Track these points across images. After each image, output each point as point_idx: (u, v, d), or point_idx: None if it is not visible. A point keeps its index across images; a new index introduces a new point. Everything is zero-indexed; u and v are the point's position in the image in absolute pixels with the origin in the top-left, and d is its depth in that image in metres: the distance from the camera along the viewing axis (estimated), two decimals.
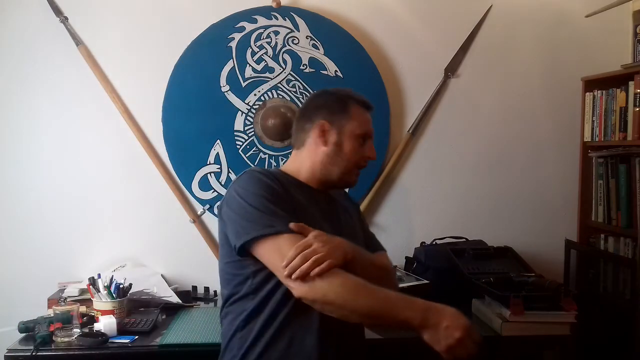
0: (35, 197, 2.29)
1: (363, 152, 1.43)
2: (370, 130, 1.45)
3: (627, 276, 2.14)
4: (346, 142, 1.41)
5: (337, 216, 1.46)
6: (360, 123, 1.42)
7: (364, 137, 1.43)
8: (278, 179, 1.36)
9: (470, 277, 1.96)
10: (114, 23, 2.29)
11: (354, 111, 1.43)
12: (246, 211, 1.27)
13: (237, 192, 1.31)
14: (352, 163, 1.42)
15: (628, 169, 2.15)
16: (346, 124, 1.42)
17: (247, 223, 1.26)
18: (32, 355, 1.64)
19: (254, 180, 1.32)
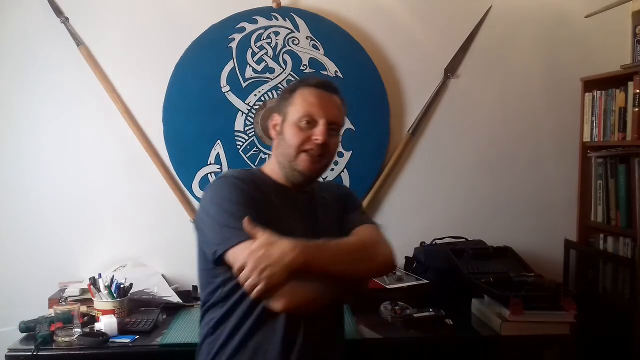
0: (36, 197, 2.29)
1: (307, 135, 1.35)
2: (316, 111, 1.35)
3: (626, 276, 2.15)
4: (286, 128, 1.37)
5: (315, 215, 1.42)
6: (299, 106, 1.36)
7: (308, 119, 1.35)
8: (254, 180, 1.36)
9: (469, 276, 1.96)
10: (114, 23, 2.29)
11: (299, 95, 1.38)
12: (219, 218, 1.28)
13: (212, 199, 1.32)
14: (294, 148, 1.35)
15: (627, 169, 2.15)
16: (288, 111, 1.38)
17: (221, 231, 1.26)
18: (33, 354, 1.65)
19: (228, 185, 1.32)
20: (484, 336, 1.79)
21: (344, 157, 2.36)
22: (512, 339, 1.75)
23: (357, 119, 2.34)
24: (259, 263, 1.16)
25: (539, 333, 1.76)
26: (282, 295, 1.20)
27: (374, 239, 1.38)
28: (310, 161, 1.36)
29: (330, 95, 1.40)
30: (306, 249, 1.20)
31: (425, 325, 1.82)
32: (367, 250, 1.33)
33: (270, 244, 1.18)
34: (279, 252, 1.17)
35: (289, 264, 1.17)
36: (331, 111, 1.37)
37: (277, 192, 1.39)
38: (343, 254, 1.28)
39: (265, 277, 1.16)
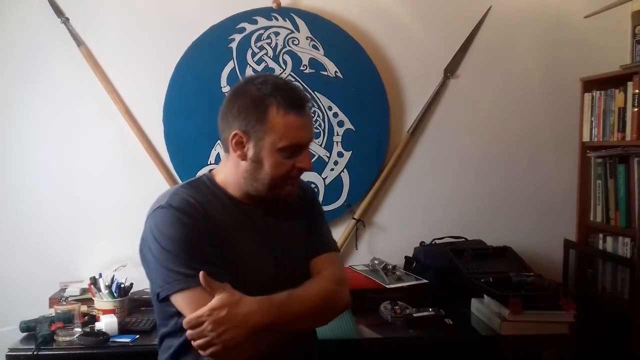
0: (36, 197, 2.29)
1: (291, 164, 1.22)
2: (300, 138, 1.21)
3: (625, 276, 2.15)
4: (266, 157, 1.20)
5: (277, 231, 1.30)
6: (282, 133, 1.18)
7: (292, 148, 1.20)
8: (202, 205, 1.21)
9: (469, 276, 1.96)
10: (115, 24, 2.30)
11: (274, 118, 1.18)
12: (161, 259, 1.17)
13: (153, 234, 1.20)
14: (277, 179, 1.22)
15: (627, 169, 2.15)
16: (264, 136, 1.19)
17: (163, 274, 1.17)
18: (34, 354, 1.65)
19: (169, 220, 1.18)
20: (483, 336, 1.79)
21: (344, 157, 2.37)
22: (512, 339, 1.75)
23: (357, 119, 2.35)
24: (220, 324, 1.09)
25: (539, 333, 1.76)
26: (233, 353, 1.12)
27: (334, 285, 1.27)
28: (293, 185, 1.27)
29: (307, 114, 1.24)
30: (271, 310, 1.14)
31: (425, 325, 1.82)
32: (328, 305, 1.25)
33: (233, 303, 1.10)
34: (243, 314, 1.10)
35: (253, 326, 1.11)
36: (310, 132, 1.25)
37: (232, 211, 1.25)
38: (306, 312, 1.20)
39: (225, 340, 1.09)
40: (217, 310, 1.09)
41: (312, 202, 1.42)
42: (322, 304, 1.24)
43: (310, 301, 1.22)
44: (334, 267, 1.32)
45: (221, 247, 1.20)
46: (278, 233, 1.30)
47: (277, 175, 1.23)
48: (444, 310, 1.89)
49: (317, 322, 1.30)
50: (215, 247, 1.19)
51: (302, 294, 1.22)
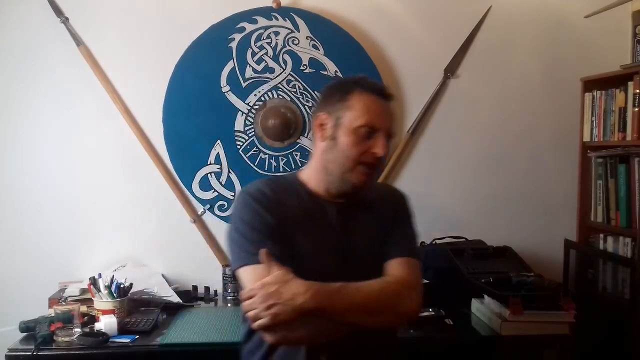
0: (36, 197, 2.29)
1: (366, 146, 1.26)
2: (378, 121, 1.26)
3: (626, 276, 2.15)
4: (342, 135, 1.26)
5: (349, 228, 1.32)
6: (361, 112, 1.25)
7: (369, 129, 1.25)
8: (276, 195, 1.28)
9: (469, 276, 1.96)
10: (114, 24, 2.30)
11: (356, 99, 1.27)
12: (234, 238, 1.27)
13: (232, 218, 1.31)
14: (351, 159, 1.26)
15: (627, 169, 2.15)
16: (343, 114, 1.27)
17: (233, 251, 1.27)
18: (33, 354, 1.65)
19: (242, 205, 1.28)
20: (483, 336, 1.79)
21: None
22: (512, 339, 1.75)
23: None
24: (268, 299, 1.13)
25: (539, 333, 1.76)
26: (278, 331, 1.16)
27: (399, 287, 1.25)
28: (367, 174, 1.27)
29: (388, 104, 1.31)
30: (319, 295, 1.15)
31: (425, 325, 1.82)
32: (387, 302, 1.22)
33: (284, 282, 1.14)
34: (291, 294, 1.13)
35: (298, 308, 1.13)
36: (389, 120, 1.29)
37: (307, 204, 1.31)
38: (359, 303, 1.19)
39: (271, 314, 1.13)
40: (268, 285, 1.14)
41: (398, 208, 1.41)
42: (380, 301, 1.21)
43: (366, 295, 1.20)
44: (406, 271, 1.29)
45: (287, 235, 1.25)
46: (349, 231, 1.32)
47: (350, 156, 1.26)
48: (444, 311, 1.89)
49: (374, 319, 1.21)
50: (280, 233, 1.25)
51: (360, 286, 1.21)
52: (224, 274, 2.24)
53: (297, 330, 1.16)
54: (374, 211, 1.36)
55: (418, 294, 1.28)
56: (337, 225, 1.31)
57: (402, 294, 1.24)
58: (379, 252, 1.32)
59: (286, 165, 2.35)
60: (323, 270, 1.24)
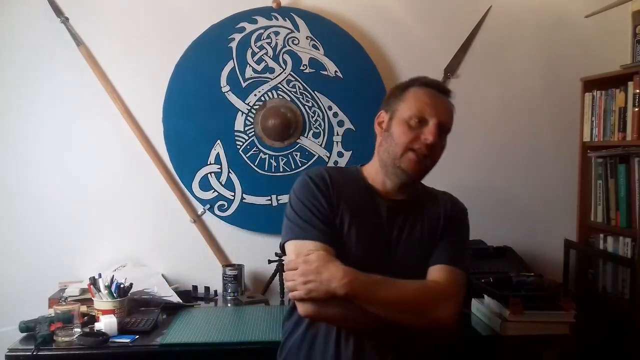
0: (36, 197, 2.29)
1: (416, 134, 1.31)
2: (429, 111, 1.31)
3: (626, 276, 2.15)
4: (395, 126, 1.34)
5: (395, 226, 1.35)
6: (411, 104, 1.32)
7: (419, 118, 1.31)
8: (335, 181, 1.35)
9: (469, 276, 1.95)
10: (114, 23, 2.30)
11: (410, 94, 1.35)
12: (288, 213, 1.35)
13: (290, 196, 1.38)
14: (401, 146, 1.31)
15: (627, 169, 2.15)
16: (398, 108, 1.35)
17: (285, 225, 1.34)
18: (33, 354, 1.64)
19: (301, 184, 1.36)
20: (483, 336, 1.79)
21: (344, 157, 2.36)
22: (512, 339, 1.75)
23: (357, 119, 2.34)
24: (307, 275, 1.21)
25: (539, 333, 1.76)
26: (310, 305, 1.23)
27: (435, 294, 1.27)
28: (416, 161, 1.32)
29: (444, 97, 1.37)
30: (354, 283, 1.20)
31: None
32: (419, 304, 1.25)
33: (325, 262, 1.21)
34: (328, 276, 1.20)
35: (332, 290, 1.19)
36: (443, 112, 1.33)
37: (363, 195, 1.36)
38: (393, 299, 1.22)
39: (306, 289, 1.21)
40: (311, 262, 1.22)
41: (452, 217, 1.43)
42: (413, 302, 1.24)
43: (401, 293, 1.24)
44: (447, 278, 1.31)
45: (338, 221, 1.32)
46: (394, 228, 1.35)
47: (400, 143, 1.31)
48: None
49: (404, 318, 1.24)
50: (333, 216, 1.31)
51: (397, 283, 1.24)
52: (223, 274, 2.24)
53: (328, 309, 1.22)
54: (424, 214, 1.39)
55: (454, 304, 1.29)
56: (385, 221, 1.35)
57: (437, 299, 1.26)
58: (423, 254, 1.35)
59: (286, 165, 2.35)
60: (365, 261, 1.28)
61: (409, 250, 1.34)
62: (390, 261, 1.33)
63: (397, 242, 1.34)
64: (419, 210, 1.39)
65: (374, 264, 1.28)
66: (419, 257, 1.34)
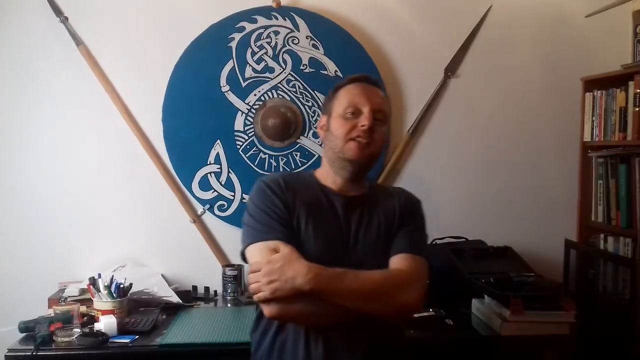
0: (35, 196, 2.29)
1: (353, 124, 1.37)
2: (360, 100, 1.38)
3: (626, 276, 2.14)
4: (333, 123, 1.40)
5: (351, 220, 1.38)
6: (343, 99, 1.40)
7: (353, 109, 1.38)
8: (290, 185, 1.39)
9: (470, 277, 1.96)
10: (114, 23, 2.29)
11: (342, 92, 1.42)
12: (245, 220, 1.37)
13: (247, 204, 1.42)
14: (341, 138, 1.37)
15: (628, 169, 2.15)
16: (333, 108, 1.42)
17: (243, 232, 1.36)
18: (33, 355, 1.65)
19: (256, 191, 1.39)
20: (484, 336, 1.79)
21: None
22: (512, 339, 1.75)
23: None
24: (271, 275, 1.23)
25: (539, 333, 1.76)
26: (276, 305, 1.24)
27: (399, 280, 1.31)
28: (358, 147, 1.36)
29: (373, 87, 1.43)
30: (319, 278, 1.22)
31: (425, 326, 1.82)
32: (385, 292, 1.28)
33: (289, 261, 1.24)
34: (292, 273, 1.22)
35: (297, 287, 1.21)
36: (374, 100, 1.39)
37: (317, 196, 1.40)
38: (358, 289, 1.25)
39: (271, 289, 1.22)
40: (274, 262, 1.24)
41: (407, 208, 1.46)
42: (378, 291, 1.27)
43: (364, 283, 1.26)
44: (409, 265, 1.34)
45: (295, 222, 1.35)
46: (351, 223, 1.38)
47: (340, 135, 1.37)
48: (445, 311, 1.89)
49: (370, 306, 1.27)
50: (290, 217, 1.35)
51: (361, 274, 1.27)
52: (223, 274, 2.23)
53: (293, 307, 1.24)
54: (380, 207, 1.43)
55: (419, 288, 1.33)
56: (341, 217, 1.38)
57: (402, 285, 1.30)
58: (382, 247, 1.38)
59: (286, 165, 2.35)
60: (325, 258, 1.29)
61: (367, 243, 1.37)
62: (351, 255, 1.35)
63: (356, 236, 1.37)
64: (374, 205, 1.43)
65: (334, 259, 1.30)
66: (378, 250, 1.37)
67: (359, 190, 1.44)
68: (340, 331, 1.29)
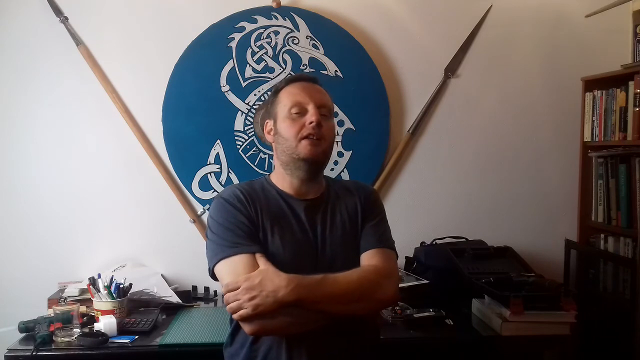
0: (36, 197, 2.29)
1: (302, 122, 1.35)
2: (303, 98, 1.36)
3: (626, 276, 2.14)
4: (280, 125, 1.38)
5: (317, 223, 1.38)
6: (286, 100, 1.37)
7: (297, 109, 1.36)
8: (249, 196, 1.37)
9: (470, 277, 1.96)
10: (114, 23, 2.29)
11: (282, 93, 1.40)
12: (210, 238, 1.35)
13: (207, 220, 1.39)
14: (292, 139, 1.35)
15: (628, 169, 2.15)
16: (277, 110, 1.39)
17: (209, 249, 1.34)
18: (32, 355, 1.65)
19: (217, 208, 1.37)
20: (484, 336, 1.79)
21: (344, 157, 2.36)
22: (513, 339, 1.75)
23: (357, 119, 2.34)
24: (251, 291, 1.21)
25: (540, 333, 1.76)
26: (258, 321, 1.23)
27: (376, 276, 1.31)
28: (311, 144, 1.34)
29: (312, 83, 1.42)
30: (300, 288, 1.21)
31: (425, 326, 1.82)
32: (365, 291, 1.28)
33: (267, 275, 1.22)
34: (273, 287, 1.20)
35: (279, 300, 1.20)
36: (317, 96, 1.38)
37: (277, 203, 1.39)
38: (339, 293, 1.25)
39: (252, 305, 1.21)
40: (252, 278, 1.22)
41: (366, 201, 1.45)
42: (358, 291, 1.27)
43: (345, 286, 1.26)
44: (382, 260, 1.35)
45: (260, 233, 1.34)
46: (316, 225, 1.38)
47: (290, 136, 1.35)
48: (445, 311, 1.89)
49: (352, 307, 1.27)
50: (255, 230, 1.33)
51: (339, 277, 1.27)
52: None
53: (275, 320, 1.23)
54: (341, 205, 1.43)
55: (394, 282, 1.36)
56: (305, 220, 1.37)
57: (379, 282, 1.31)
58: (350, 244, 1.39)
59: None
60: (296, 264, 1.30)
61: (335, 242, 1.37)
62: (320, 258, 1.35)
63: (323, 237, 1.37)
64: (335, 203, 1.42)
65: (305, 265, 1.31)
66: (346, 247, 1.38)
67: (317, 190, 1.42)
68: (322, 335, 1.28)
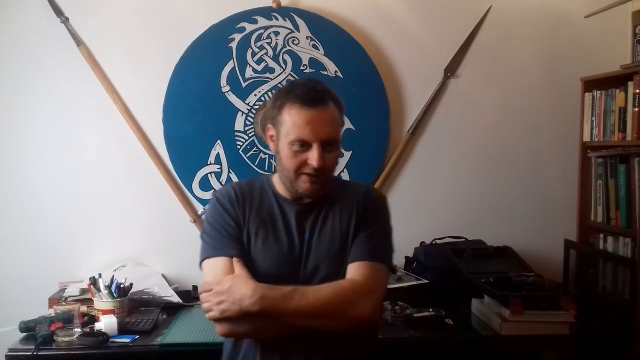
0: (36, 196, 2.29)
1: (303, 159, 1.27)
2: (308, 135, 1.24)
3: (626, 276, 2.15)
4: (281, 148, 1.29)
5: (301, 232, 1.33)
6: (290, 128, 1.26)
7: (300, 143, 1.25)
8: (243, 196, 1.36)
9: (469, 276, 1.96)
10: (114, 23, 2.29)
11: (286, 113, 1.27)
12: (202, 235, 1.38)
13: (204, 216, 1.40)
14: (292, 172, 1.28)
15: (627, 169, 2.15)
16: (280, 129, 1.29)
17: (201, 246, 1.37)
18: (33, 354, 1.65)
19: (211, 206, 1.39)
20: (483, 336, 1.79)
21: (344, 157, 2.36)
22: (512, 339, 1.75)
23: (357, 119, 2.34)
24: (219, 296, 1.23)
25: (539, 333, 1.76)
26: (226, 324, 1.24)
27: (351, 293, 1.23)
28: (310, 182, 1.29)
29: (320, 110, 1.26)
30: (265, 300, 1.19)
31: (425, 325, 1.82)
32: (335, 308, 1.22)
33: (237, 282, 1.23)
34: (239, 295, 1.20)
35: (244, 309, 1.20)
36: (323, 130, 1.26)
37: (272, 205, 1.36)
38: (306, 308, 1.20)
39: (220, 310, 1.22)
40: (223, 283, 1.24)
41: (367, 207, 1.37)
42: (328, 307, 1.22)
43: (313, 302, 1.21)
44: (366, 275, 1.27)
45: (247, 235, 1.33)
46: (304, 231, 1.34)
47: (290, 168, 1.29)
48: (444, 311, 1.89)
49: (321, 324, 1.22)
50: (240, 232, 1.33)
51: (309, 291, 1.22)
52: None
53: (242, 326, 1.24)
54: (336, 209, 1.36)
55: (374, 299, 1.26)
56: (294, 226, 1.34)
57: (354, 299, 1.23)
58: (339, 251, 1.32)
59: None
60: (276, 271, 1.30)
61: (320, 250, 1.32)
62: (304, 265, 1.31)
63: (310, 244, 1.32)
64: (330, 208, 1.35)
65: (284, 272, 1.29)
66: (334, 255, 1.31)
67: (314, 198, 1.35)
68: (297, 343, 1.26)
